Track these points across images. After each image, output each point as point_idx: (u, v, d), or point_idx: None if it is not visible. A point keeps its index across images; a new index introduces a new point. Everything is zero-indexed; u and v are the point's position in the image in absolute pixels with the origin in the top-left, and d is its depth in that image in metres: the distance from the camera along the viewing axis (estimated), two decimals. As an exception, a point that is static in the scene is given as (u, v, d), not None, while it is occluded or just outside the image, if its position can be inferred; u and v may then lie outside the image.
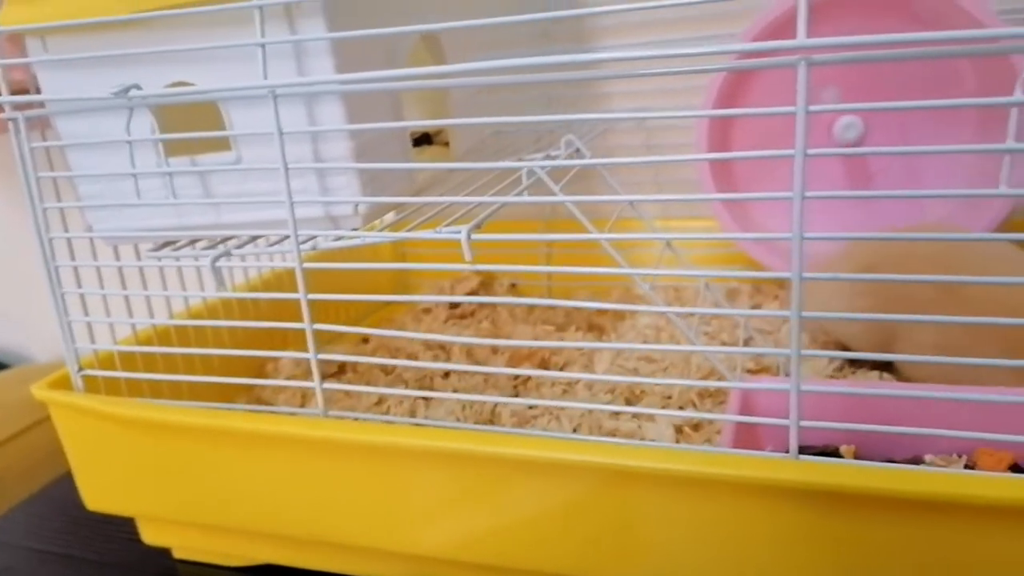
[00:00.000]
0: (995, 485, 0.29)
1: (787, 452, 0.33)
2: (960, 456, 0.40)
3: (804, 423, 0.33)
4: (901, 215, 0.61)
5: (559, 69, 0.32)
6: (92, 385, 0.46)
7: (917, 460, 0.41)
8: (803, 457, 0.33)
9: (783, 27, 0.56)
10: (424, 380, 0.58)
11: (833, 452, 0.42)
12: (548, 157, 0.50)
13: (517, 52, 0.32)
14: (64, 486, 0.56)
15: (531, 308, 0.71)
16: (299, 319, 0.39)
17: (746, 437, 0.41)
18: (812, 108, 0.29)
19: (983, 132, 0.58)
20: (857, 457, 0.41)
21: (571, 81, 0.68)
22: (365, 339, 0.67)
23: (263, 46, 0.35)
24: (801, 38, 0.28)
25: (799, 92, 0.29)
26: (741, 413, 0.42)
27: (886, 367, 0.52)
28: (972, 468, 0.40)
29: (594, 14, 0.35)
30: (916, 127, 0.60)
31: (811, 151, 0.30)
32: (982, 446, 0.40)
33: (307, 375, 0.58)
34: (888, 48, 0.29)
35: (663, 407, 0.51)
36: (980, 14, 0.52)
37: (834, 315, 0.52)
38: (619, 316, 0.67)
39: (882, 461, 0.32)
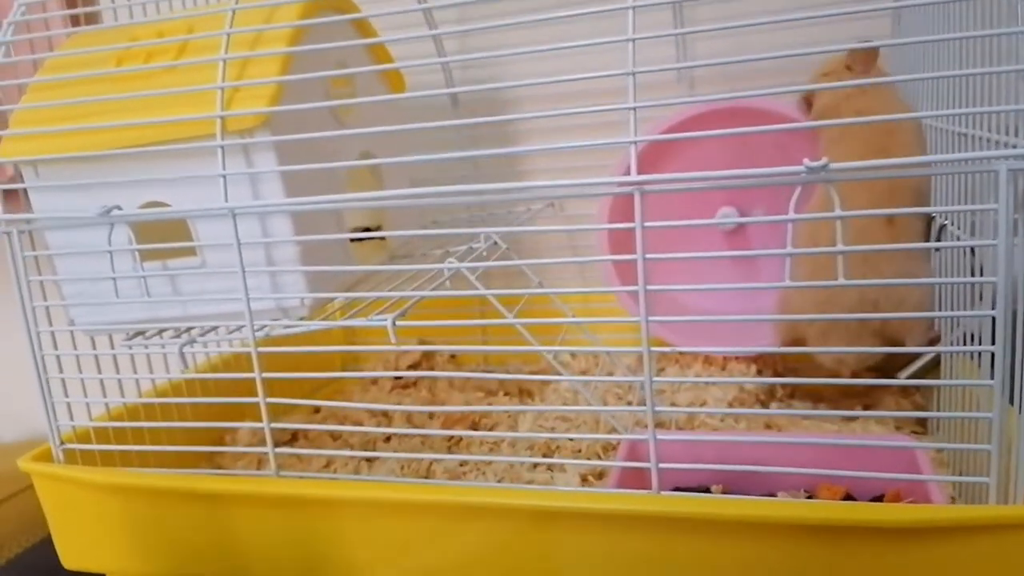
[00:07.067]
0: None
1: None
2: (805, 491, 0.49)
3: (663, 465, 0.42)
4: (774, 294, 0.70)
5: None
6: (71, 457, 0.52)
7: (771, 495, 0.49)
8: (664, 493, 0.42)
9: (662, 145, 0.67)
10: (368, 444, 0.65)
11: (706, 490, 0.50)
12: (470, 250, 0.59)
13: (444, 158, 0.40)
14: (37, 553, 0.62)
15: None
16: (253, 395, 0.47)
17: (634, 481, 0.50)
18: (647, 224, 0.39)
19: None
20: (725, 494, 0.50)
21: (492, 199, 0.78)
22: (317, 410, 0.74)
23: (224, 176, 0.44)
24: (634, 175, 0.38)
25: (636, 212, 0.39)
26: (629, 460, 0.50)
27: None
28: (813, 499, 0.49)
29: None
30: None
31: (649, 255, 0.39)
32: (822, 482, 0.49)
33: (262, 444, 0.65)
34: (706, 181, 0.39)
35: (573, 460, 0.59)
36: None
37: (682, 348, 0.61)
38: (545, 382, 0.75)
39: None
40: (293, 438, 0.69)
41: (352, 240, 0.64)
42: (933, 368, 0.56)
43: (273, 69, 0.45)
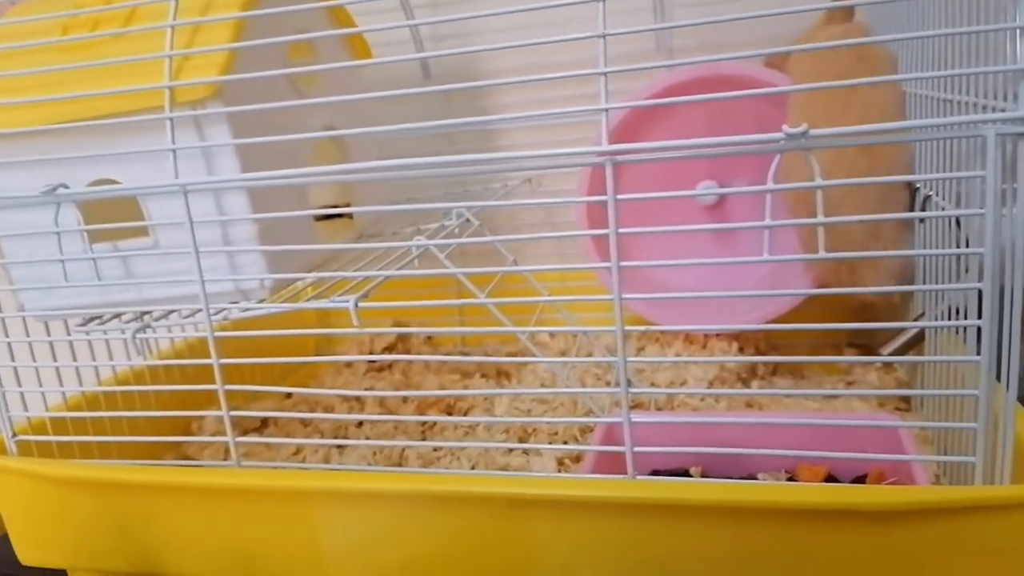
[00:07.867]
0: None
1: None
2: (785, 472, 0.48)
3: (637, 449, 0.40)
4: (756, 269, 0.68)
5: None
6: (25, 449, 0.50)
7: (752, 477, 0.48)
8: (640, 478, 0.40)
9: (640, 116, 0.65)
10: (339, 430, 0.63)
11: (685, 472, 0.49)
12: (442, 228, 0.57)
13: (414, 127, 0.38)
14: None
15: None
16: (223, 380, 0.45)
17: (611, 464, 0.48)
18: (619, 197, 0.37)
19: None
20: (704, 476, 0.48)
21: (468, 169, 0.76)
22: (288, 395, 0.72)
23: (174, 150, 0.41)
24: (605, 146, 0.36)
25: (608, 183, 0.37)
26: (605, 444, 0.49)
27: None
28: (794, 480, 0.47)
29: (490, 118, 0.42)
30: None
31: (622, 230, 0.37)
32: (803, 463, 0.48)
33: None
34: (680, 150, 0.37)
35: (550, 443, 0.57)
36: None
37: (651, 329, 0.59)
38: (523, 362, 0.74)
39: (723, 479, 0.39)
40: (263, 425, 0.67)
41: (319, 218, 0.62)
42: (916, 343, 0.55)
43: (225, 35, 0.42)
